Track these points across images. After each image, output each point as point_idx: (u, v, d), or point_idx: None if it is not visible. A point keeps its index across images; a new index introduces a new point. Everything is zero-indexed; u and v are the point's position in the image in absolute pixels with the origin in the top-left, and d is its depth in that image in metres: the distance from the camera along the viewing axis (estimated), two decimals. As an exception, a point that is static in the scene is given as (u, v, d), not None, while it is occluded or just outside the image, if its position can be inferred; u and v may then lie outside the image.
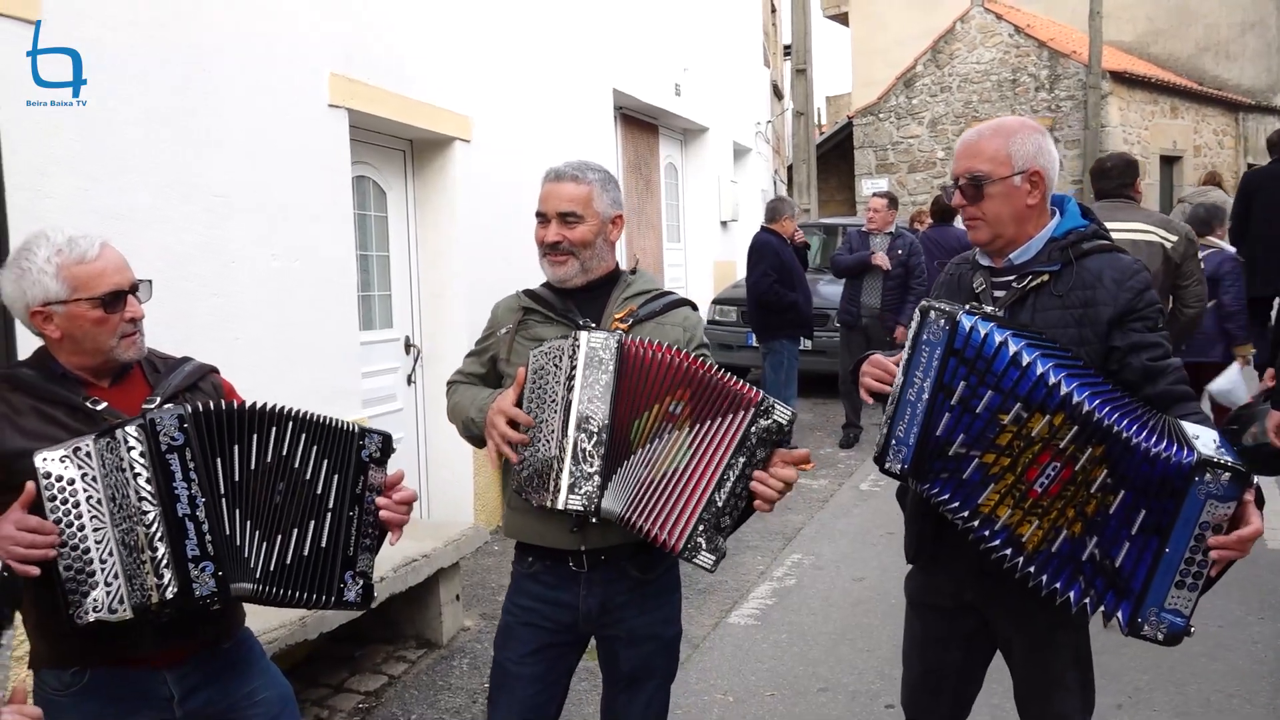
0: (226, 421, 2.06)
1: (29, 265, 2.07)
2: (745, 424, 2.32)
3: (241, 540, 2.05)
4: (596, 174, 2.56)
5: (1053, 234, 2.37)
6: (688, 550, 2.31)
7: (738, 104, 12.88)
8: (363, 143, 5.54)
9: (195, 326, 3.94)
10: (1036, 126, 2.37)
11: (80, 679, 2.11)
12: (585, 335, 2.30)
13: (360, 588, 2.21)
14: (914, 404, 2.17)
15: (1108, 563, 2.06)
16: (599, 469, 2.27)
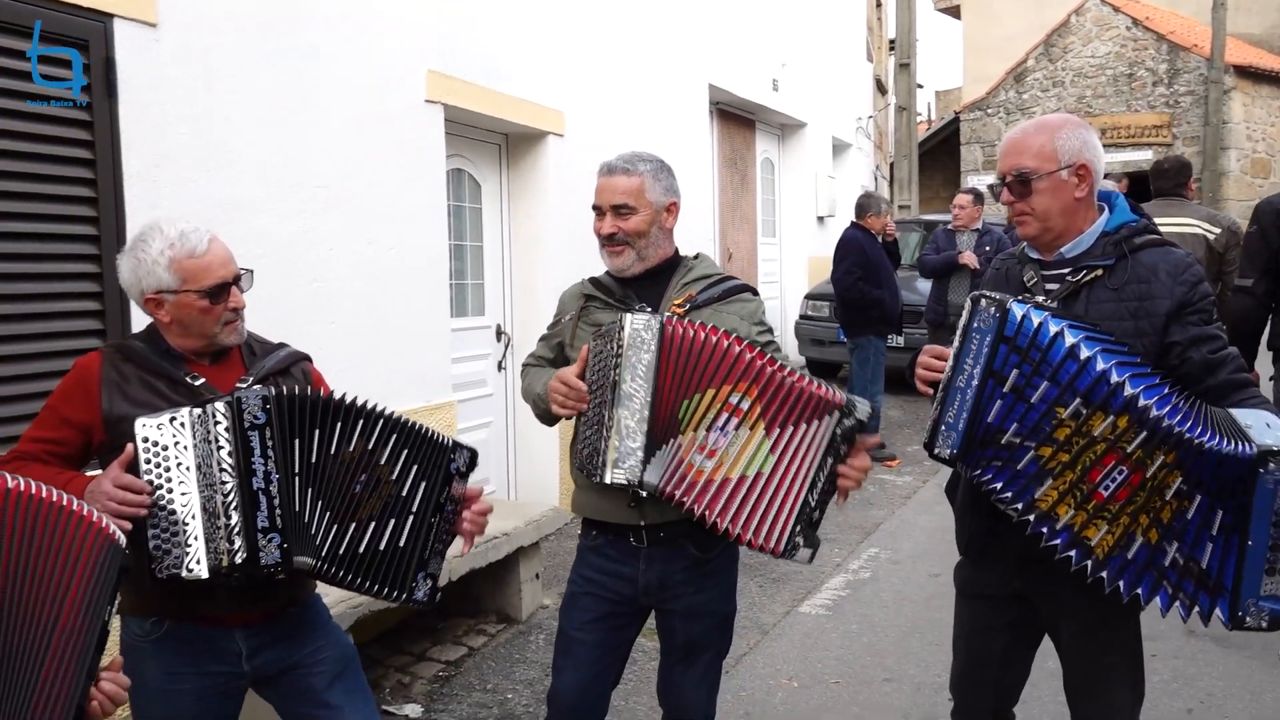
0: (309, 408, 2.20)
1: (144, 255, 2.25)
2: (832, 428, 2.41)
3: (311, 518, 2.19)
4: (648, 164, 2.66)
5: (1105, 228, 2.39)
6: (788, 551, 2.41)
7: (838, 99, 12.82)
8: (459, 136, 5.76)
9: (294, 311, 4.18)
10: (1080, 122, 2.40)
11: (159, 628, 2.29)
12: (629, 317, 2.41)
13: (429, 588, 2.35)
14: (963, 390, 2.21)
15: (1194, 565, 2.06)
16: (642, 444, 2.38)
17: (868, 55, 14.71)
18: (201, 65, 3.79)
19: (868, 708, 3.93)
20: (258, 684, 2.40)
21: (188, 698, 2.29)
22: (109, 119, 3.42)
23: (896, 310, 8.02)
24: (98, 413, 2.22)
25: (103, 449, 2.23)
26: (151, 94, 3.58)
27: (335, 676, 2.46)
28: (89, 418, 2.23)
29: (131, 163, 3.51)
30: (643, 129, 7.43)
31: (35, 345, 3.21)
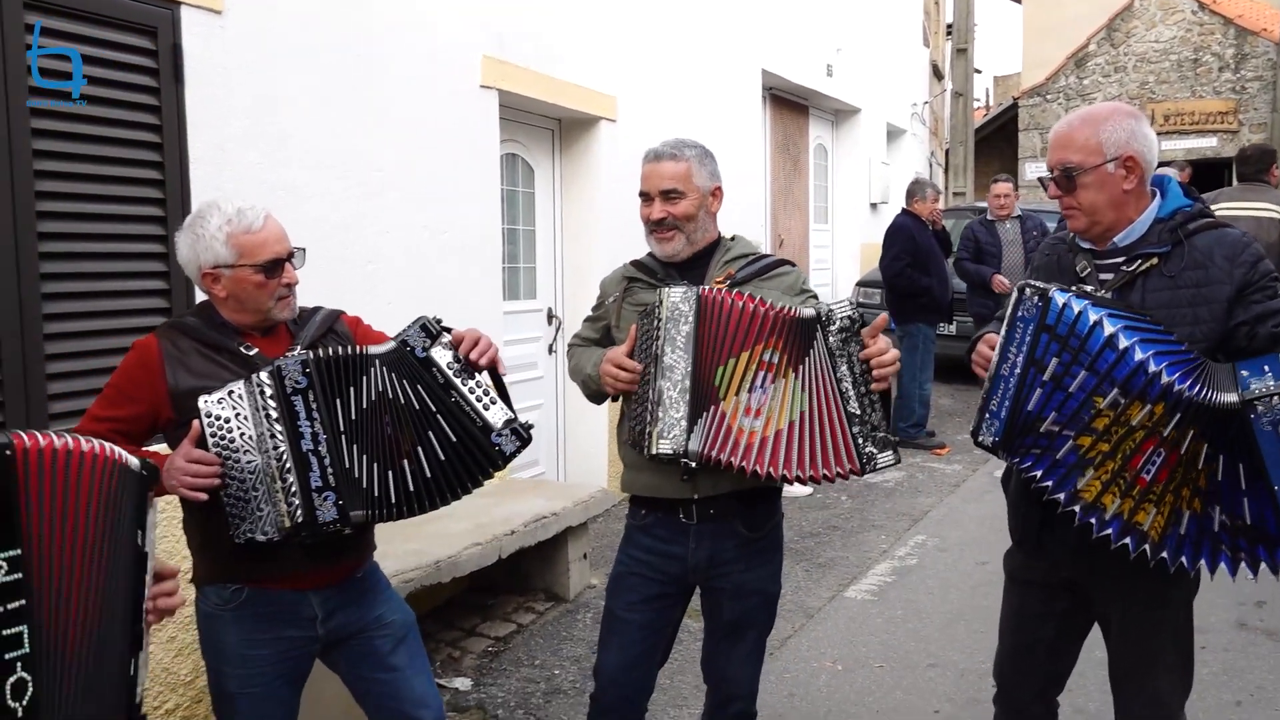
0: (343, 366, 2.27)
1: (202, 232, 2.33)
2: (822, 340, 2.44)
3: (360, 472, 2.26)
4: (693, 150, 2.70)
5: (1158, 215, 2.37)
6: (868, 466, 2.45)
7: (893, 84, 12.71)
8: (513, 122, 5.82)
9: (349, 292, 4.27)
10: (1130, 111, 2.38)
11: (239, 595, 2.38)
12: (667, 291, 2.47)
13: (513, 435, 2.32)
14: (1007, 379, 2.24)
15: (1240, 523, 2.07)
16: (685, 414, 2.43)
17: (924, 40, 14.55)
18: (264, 51, 3.89)
19: (911, 691, 3.96)
20: (327, 648, 2.50)
21: (265, 662, 2.39)
22: (175, 104, 3.53)
23: (946, 298, 7.97)
24: (164, 389, 2.30)
25: (170, 425, 2.32)
26: (216, 79, 3.68)
27: (399, 641, 2.55)
28: (155, 395, 2.31)
29: (196, 146, 3.61)
30: (695, 115, 7.45)
31: (105, 322, 3.32)
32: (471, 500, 4.79)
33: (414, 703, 2.53)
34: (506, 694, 4.00)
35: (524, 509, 4.69)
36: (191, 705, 3.65)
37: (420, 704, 2.54)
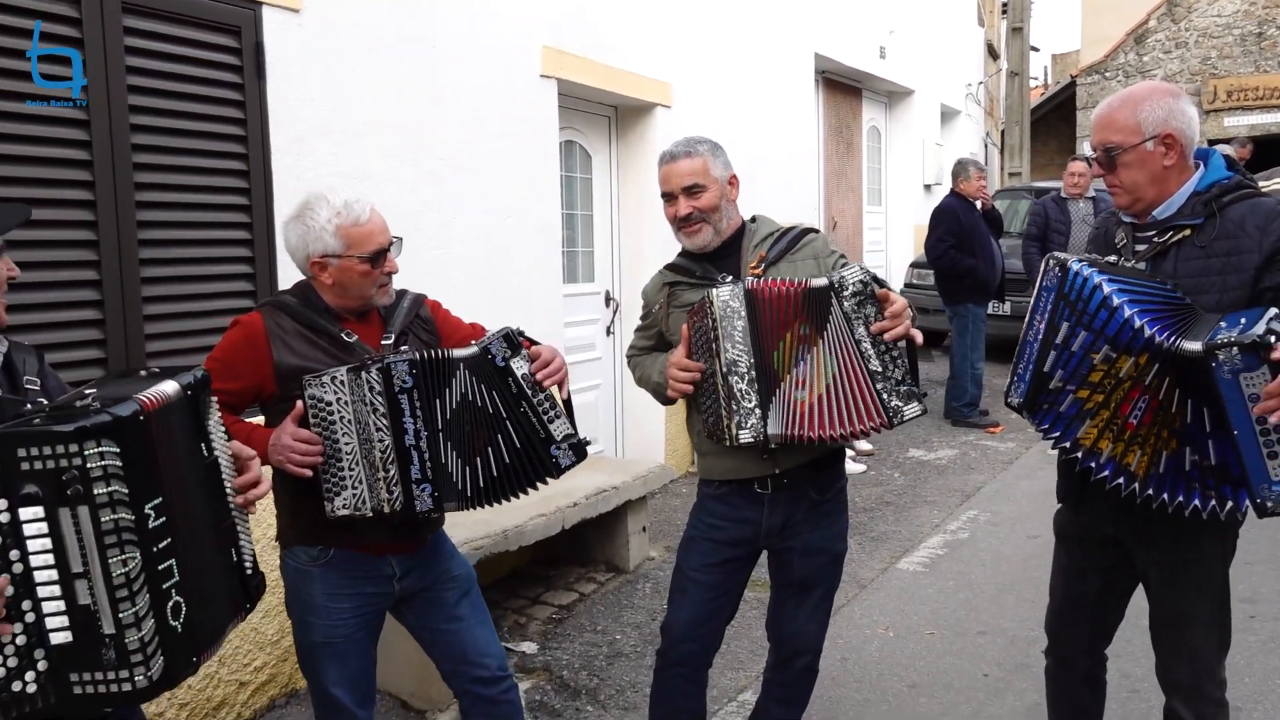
0: (442, 368, 2.42)
1: (313, 223, 2.48)
2: (838, 306, 2.57)
3: (451, 467, 2.44)
4: (705, 145, 2.83)
5: (1195, 188, 2.47)
6: (894, 419, 2.57)
7: (947, 65, 12.69)
8: (571, 110, 6.00)
9: (417, 275, 4.45)
10: (1169, 89, 2.47)
11: (326, 555, 2.58)
12: (714, 292, 2.61)
13: (570, 450, 2.47)
14: (1032, 344, 2.41)
15: (1207, 463, 2.19)
16: (757, 402, 2.60)
17: (979, 20, 14.46)
18: (338, 47, 4.10)
19: (961, 657, 4.08)
20: (398, 603, 2.69)
21: (345, 614, 2.59)
22: (258, 98, 3.75)
23: (994, 278, 8.00)
24: (269, 366, 2.47)
25: (272, 399, 2.50)
26: (294, 74, 3.89)
27: (463, 594, 2.74)
28: (260, 370, 2.47)
29: (277, 138, 3.84)
30: (747, 99, 7.57)
31: (196, 305, 3.56)
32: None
33: (478, 651, 2.72)
34: (570, 656, 4.20)
35: (585, 483, 4.87)
36: (278, 663, 3.90)
37: (484, 652, 2.73)
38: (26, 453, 1.62)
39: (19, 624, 1.64)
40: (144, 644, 1.69)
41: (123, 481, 1.67)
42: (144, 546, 1.70)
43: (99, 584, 1.66)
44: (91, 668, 1.67)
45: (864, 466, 6.92)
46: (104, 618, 1.66)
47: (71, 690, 1.67)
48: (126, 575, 1.67)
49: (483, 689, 2.73)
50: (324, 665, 2.61)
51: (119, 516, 1.66)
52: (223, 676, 3.69)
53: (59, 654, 1.66)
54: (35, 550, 1.63)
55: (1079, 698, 2.85)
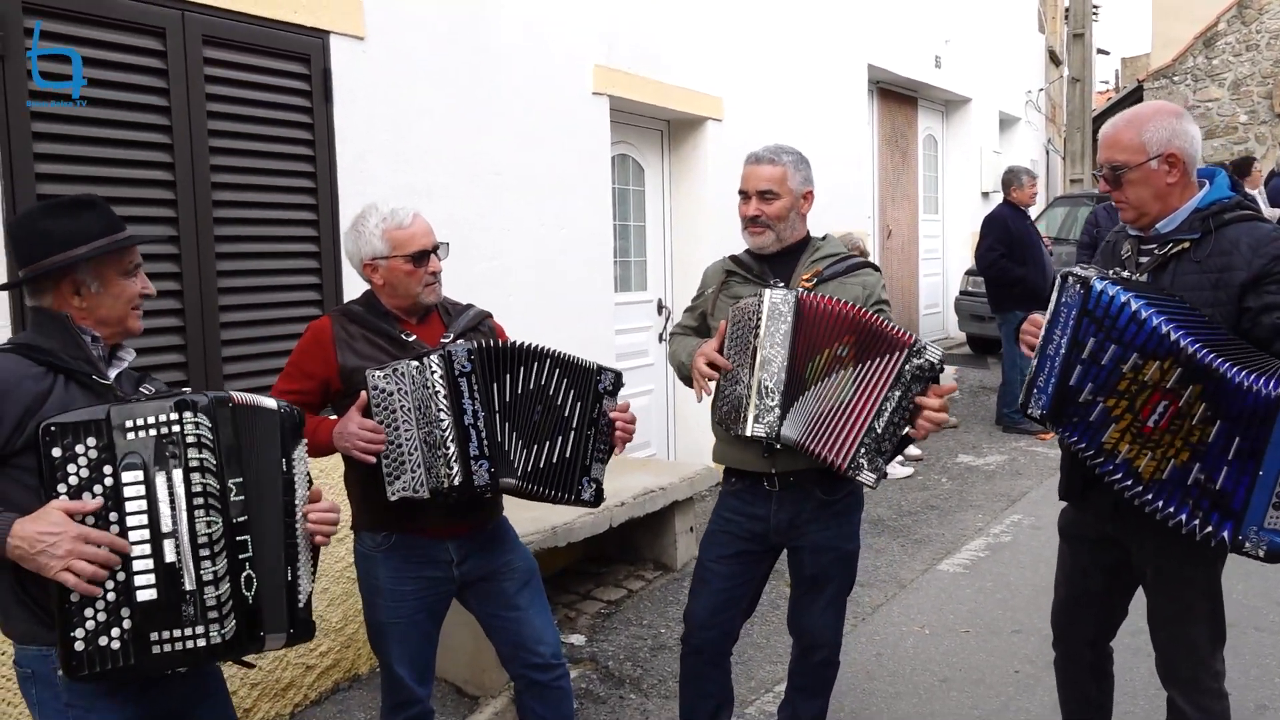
0: (501, 356, 2.68)
1: (364, 229, 2.78)
2: (900, 362, 2.75)
3: (509, 446, 2.68)
4: (790, 156, 3.03)
5: (1197, 205, 2.59)
6: (851, 468, 2.77)
7: (1005, 73, 12.68)
8: (624, 124, 6.22)
9: (474, 284, 4.72)
10: (1173, 110, 2.60)
11: (389, 540, 2.82)
12: (769, 293, 2.81)
13: (593, 490, 2.81)
14: (1053, 358, 2.51)
15: (1210, 485, 2.31)
16: (779, 403, 2.79)
17: (1039, 26, 14.40)
18: (400, 71, 4.36)
19: (994, 654, 4.20)
20: (462, 589, 2.91)
21: (409, 597, 2.82)
22: (326, 120, 4.02)
23: (1045, 286, 8.01)
24: (334, 366, 2.74)
25: (339, 395, 2.77)
26: (359, 97, 4.16)
27: (523, 584, 2.96)
28: (327, 370, 2.75)
29: (343, 156, 4.11)
30: (799, 111, 7.73)
31: (268, 313, 3.84)
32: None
33: (534, 639, 2.94)
34: (616, 649, 4.40)
35: (633, 484, 5.08)
36: (341, 650, 4.16)
37: (539, 640, 2.94)
38: (133, 423, 1.91)
39: (110, 582, 1.89)
40: (220, 603, 1.93)
41: (211, 453, 1.95)
42: (225, 515, 1.97)
43: (184, 542, 1.92)
44: (170, 625, 1.91)
45: (911, 470, 7.03)
46: (186, 574, 1.91)
47: (150, 649, 1.91)
48: (209, 536, 1.94)
49: (537, 674, 2.94)
50: (388, 644, 2.85)
51: (206, 482, 1.94)
52: (291, 660, 3.95)
53: (142, 613, 1.90)
54: (132, 511, 1.91)
55: (1085, 689, 2.98)
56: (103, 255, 2.11)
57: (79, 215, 2.12)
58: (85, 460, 1.88)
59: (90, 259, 2.09)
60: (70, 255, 2.06)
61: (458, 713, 3.96)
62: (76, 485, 1.88)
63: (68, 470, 1.88)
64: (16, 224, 2.18)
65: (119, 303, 2.15)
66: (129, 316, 2.19)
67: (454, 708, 3.99)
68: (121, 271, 2.16)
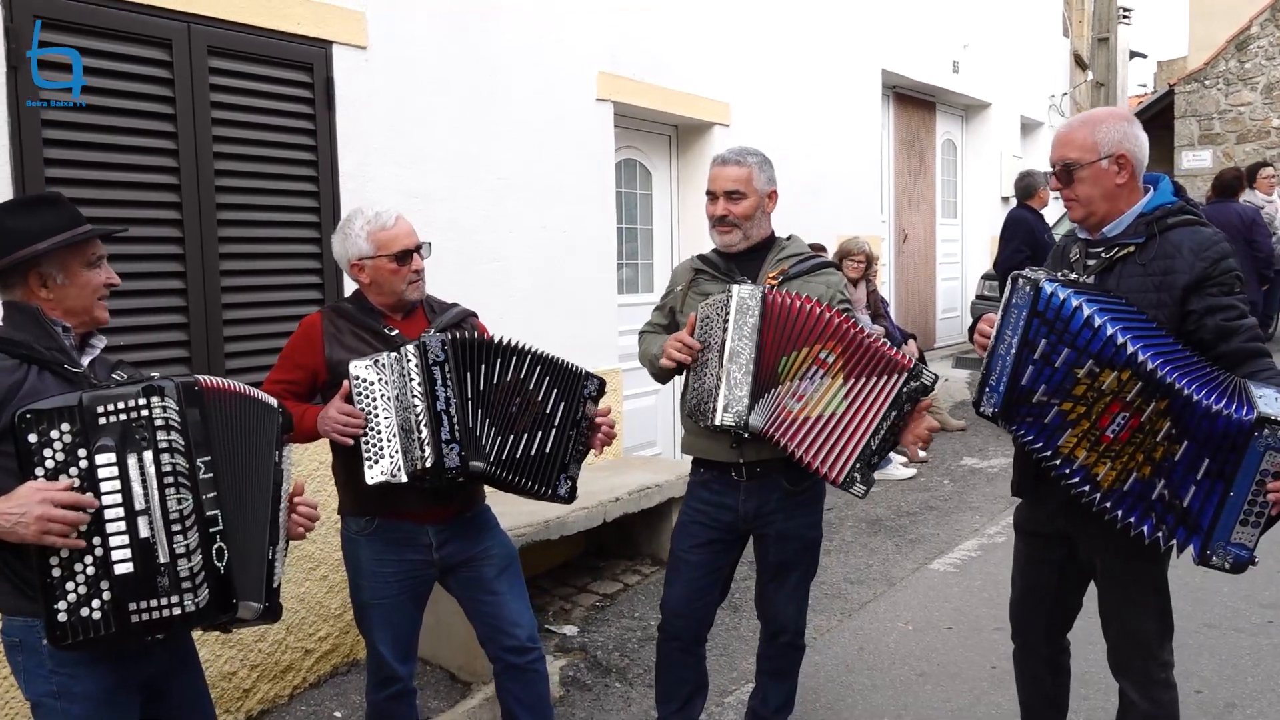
0: (475, 349, 2.84)
1: (350, 231, 2.96)
2: (899, 385, 2.90)
3: (481, 433, 2.82)
4: (754, 157, 3.16)
5: (1142, 210, 2.69)
6: (845, 482, 2.92)
7: (1028, 77, 12.68)
8: (631, 129, 6.36)
9: (477, 285, 4.88)
10: (1124, 115, 2.71)
11: (371, 524, 2.98)
12: (737, 288, 2.94)
13: (568, 487, 2.97)
14: (1004, 358, 2.60)
15: (1177, 502, 2.40)
16: (747, 393, 2.91)
17: (1064, 30, 14.37)
18: (402, 79, 4.52)
19: (973, 650, 4.29)
20: (443, 574, 3.06)
21: (391, 579, 2.98)
22: (328, 126, 4.19)
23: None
24: (321, 358, 2.92)
25: (326, 386, 2.94)
26: (361, 104, 4.33)
27: (501, 570, 3.11)
28: (315, 362, 2.94)
29: (345, 161, 4.28)
30: (809, 116, 7.83)
31: (270, 310, 4.01)
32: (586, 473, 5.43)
33: (511, 622, 3.08)
34: (606, 639, 4.54)
35: (630, 481, 5.22)
36: (340, 634, 4.32)
37: (515, 623, 3.09)
38: (104, 409, 2.06)
39: (89, 556, 2.05)
40: (193, 573, 2.09)
41: (180, 434, 2.10)
42: (194, 492, 2.12)
43: (157, 518, 2.07)
44: (148, 595, 2.06)
45: (914, 472, 7.10)
46: (160, 547, 2.06)
47: (129, 618, 2.06)
48: (180, 512, 2.09)
49: (513, 657, 3.09)
50: (371, 623, 3.02)
51: (175, 462, 2.09)
52: (290, 644, 4.12)
53: (120, 585, 2.05)
54: (106, 491, 2.06)
55: (1041, 681, 3.07)
56: (65, 248, 2.24)
57: (39, 212, 2.25)
58: (60, 444, 2.03)
59: (53, 252, 2.22)
60: (32, 250, 2.20)
61: (450, 698, 4.11)
62: (53, 468, 2.03)
63: (44, 455, 2.03)
64: None
65: (84, 293, 2.29)
66: (95, 306, 2.32)
67: (446, 693, 4.14)
68: (84, 263, 2.29)
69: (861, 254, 7.14)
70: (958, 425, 8.15)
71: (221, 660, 3.86)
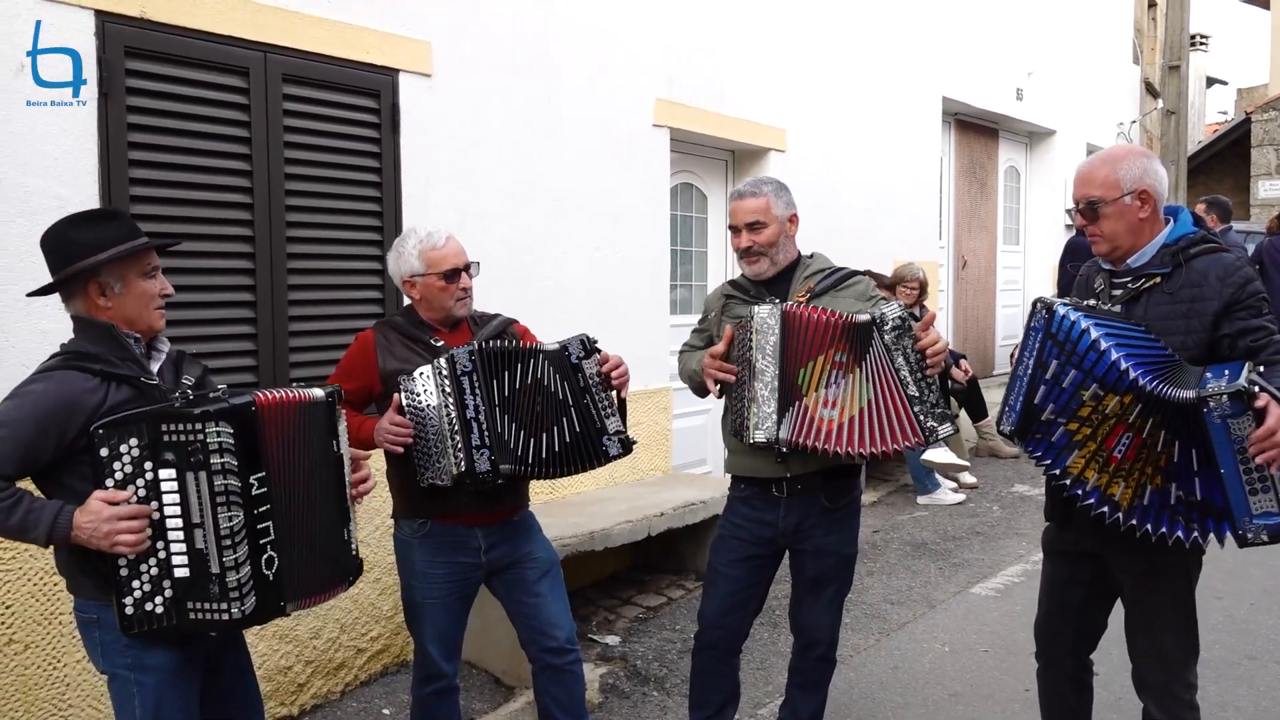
0: (499, 356, 3.01)
1: (403, 250, 3.16)
2: (879, 339, 2.99)
3: (509, 436, 2.99)
4: (769, 185, 3.29)
5: (1165, 240, 2.77)
6: (930, 438, 3.00)
7: (1095, 104, 12.60)
8: (687, 154, 6.51)
9: (531, 302, 5.05)
10: (1143, 151, 2.80)
11: (424, 528, 3.15)
12: (756, 309, 3.06)
13: (619, 443, 3.09)
14: (1022, 378, 2.73)
15: (1193, 498, 2.49)
16: (774, 409, 3.03)
17: (1134, 57, 14.25)
18: (465, 105, 4.74)
19: (1008, 673, 4.33)
20: (489, 576, 3.22)
21: (441, 580, 3.15)
22: (393, 150, 4.42)
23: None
24: (376, 371, 3.12)
25: (380, 396, 3.14)
26: (425, 129, 4.55)
27: (544, 574, 3.26)
28: (370, 374, 3.13)
29: (409, 183, 4.49)
30: (866, 142, 7.92)
31: (334, 324, 4.23)
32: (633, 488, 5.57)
33: (551, 624, 3.23)
34: (647, 649, 4.66)
35: (676, 496, 5.34)
36: (391, 635, 4.51)
37: (556, 625, 3.24)
38: (167, 428, 2.23)
39: (153, 558, 2.26)
40: (240, 584, 2.26)
41: (233, 456, 2.26)
42: (246, 508, 2.28)
43: (210, 533, 2.25)
44: (202, 598, 2.26)
45: (963, 497, 7.12)
46: (212, 560, 2.25)
47: (188, 614, 2.27)
48: (231, 529, 2.25)
49: (552, 658, 3.23)
50: (421, 622, 3.19)
51: (227, 483, 2.25)
52: (343, 642, 4.32)
53: (180, 585, 2.26)
54: (168, 503, 2.25)
55: (1064, 698, 3.13)
56: (123, 259, 2.40)
57: (100, 225, 2.41)
58: (129, 458, 2.23)
59: (112, 262, 2.38)
60: (94, 260, 2.37)
61: (494, 700, 4.26)
62: (121, 479, 2.24)
63: (114, 467, 2.23)
64: (48, 236, 2.43)
65: (141, 302, 2.44)
66: (151, 315, 2.47)
67: (490, 695, 4.30)
68: (141, 273, 2.44)
69: (915, 281, 7.19)
70: (1011, 452, 8.13)
71: (278, 655, 4.06)
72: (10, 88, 3.29)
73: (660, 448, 6.06)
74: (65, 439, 2.28)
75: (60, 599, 3.43)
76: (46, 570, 3.39)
